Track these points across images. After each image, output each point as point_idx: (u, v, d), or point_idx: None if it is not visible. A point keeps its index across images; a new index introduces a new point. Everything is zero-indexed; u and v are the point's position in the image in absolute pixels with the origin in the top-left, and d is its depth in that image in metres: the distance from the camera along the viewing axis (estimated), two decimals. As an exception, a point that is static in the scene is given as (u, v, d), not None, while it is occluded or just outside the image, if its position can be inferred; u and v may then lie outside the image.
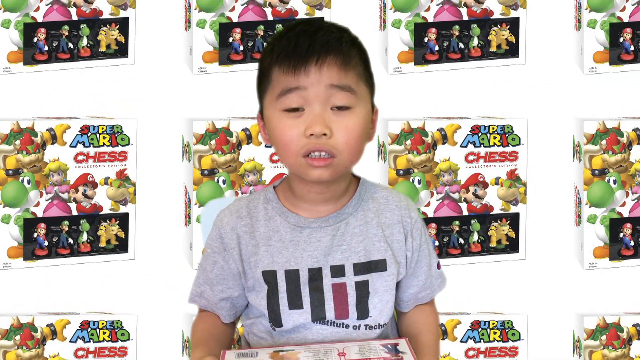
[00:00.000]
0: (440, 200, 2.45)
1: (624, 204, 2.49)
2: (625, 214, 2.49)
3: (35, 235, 2.39)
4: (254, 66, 2.42)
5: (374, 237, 1.41)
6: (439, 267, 1.50)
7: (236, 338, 1.59)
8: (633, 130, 2.47)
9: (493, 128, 2.47)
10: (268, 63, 1.35)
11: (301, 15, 2.43)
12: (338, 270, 1.39)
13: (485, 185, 2.47)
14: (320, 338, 1.38)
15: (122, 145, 2.43)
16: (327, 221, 1.40)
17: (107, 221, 2.44)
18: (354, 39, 1.38)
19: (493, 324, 2.46)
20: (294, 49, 1.32)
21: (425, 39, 2.47)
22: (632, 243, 2.49)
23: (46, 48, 2.41)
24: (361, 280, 1.39)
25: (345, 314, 1.38)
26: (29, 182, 2.38)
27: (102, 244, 2.44)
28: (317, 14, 2.42)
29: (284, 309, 1.38)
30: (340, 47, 1.33)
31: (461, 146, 2.45)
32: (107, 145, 2.43)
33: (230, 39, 2.43)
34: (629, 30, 2.49)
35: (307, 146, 1.32)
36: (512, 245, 2.50)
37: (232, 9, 2.43)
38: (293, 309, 1.38)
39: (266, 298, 1.39)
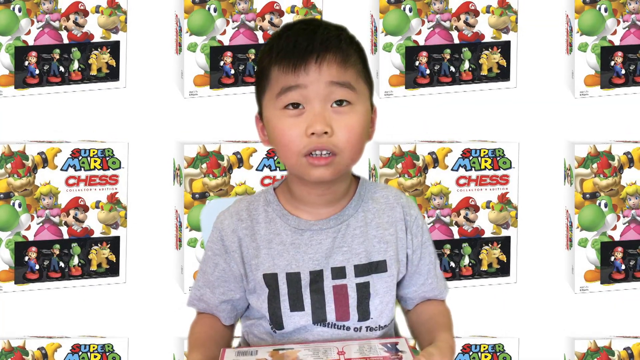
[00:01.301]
0: (432, 224, 2.45)
1: (615, 228, 2.49)
2: (617, 238, 2.49)
3: (26, 258, 2.39)
4: (246, 89, 2.45)
5: (374, 238, 1.41)
6: (440, 269, 1.50)
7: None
8: (624, 153, 2.47)
9: (484, 152, 2.47)
10: (267, 62, 1.35)
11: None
12: (339, 272, 1.38)
13: (476, 208, 2.47)
14: (321, 340, 1.38)
15: (113, 169, 2.43)
16: (327, 223, 1.40)
17: (98, 245, 2.44)
18: (352, 37, 1.38)
19: (484, 347, 2.46)
20: (293, 47, 1.32)
21: (417, 63, 2.47)
22: (623, 267, 2.49)
23: (37, 71, 2.41)
24: (362, 282, 1.38)
25: (346, 315, 1.38)
26: (20, 205, 2.38)
27: (93, 268, 2.44)
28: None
29: (285, 312, 1.37)
30: (339, 44, 1.33)
31: (452, 170, 2.45)
32: (98, 169, 2.43)
33: (222, 63, 2.44)
34: (620, 53, 2.49)
35: (308, 146, 1.31)
36: (503, 269, 2.50)
37: (223, 33, 2.43)
38: (294, 311, 1.37)
39: (267, 301, 1.38)
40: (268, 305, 1.39)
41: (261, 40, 2.44)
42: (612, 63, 2.49)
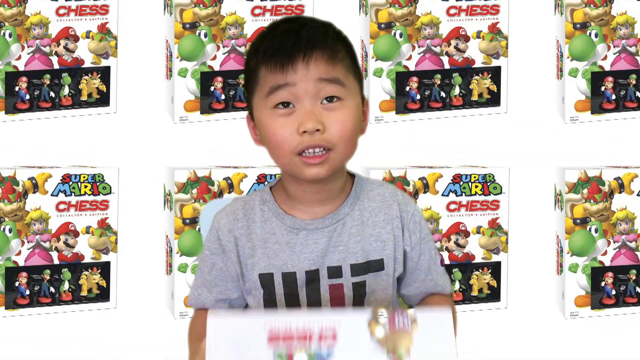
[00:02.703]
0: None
1: (605, 253, 2.49)
2: (607, 263, 2.49)
3: (16, 284, 2.39)
4: (236, 115, 2.45)
5: (370, 236, 1.40)
6: (442, 264, 1.49)
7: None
8: (614, 179, 2.47)
9: (474, 177, 2.47)
10: (254, 63, 1.34)
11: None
12: (335, 272, 1.38)
13: (466, 234, 2.47)
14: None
15: (104, 194, 2.43)
16: (323, 222, 1.39)
17: (89, 270, 2.44)
18: (339, 32, 1.37)
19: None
20: (279, 47, 1.31)
21: (407, 88, 2.47)
22: (613, 292, 2.49)
23: (28, 97, 2.41)
24: (358, 281, 1.38)
25: None
26: (10, 231, 2.38)
27: (84, 293, 2.44)
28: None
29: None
30: (325, 41, 1.33)
31: (443, 195, 2.45)
32: (89, 194, 2.42)
33: (212, 88, 2.44)
34: (610, 79, 2.49)
35: (301, 144, 1.31)
36: (493, 294, 2.50)
37: (214, 58, 2.43)
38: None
39: (263, 301, 1.39)
40: (264, 306, 1.39)
41: (252, 66, 2.44)
42: (603, 88, 2.49)
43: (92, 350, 2.44)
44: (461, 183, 2.46)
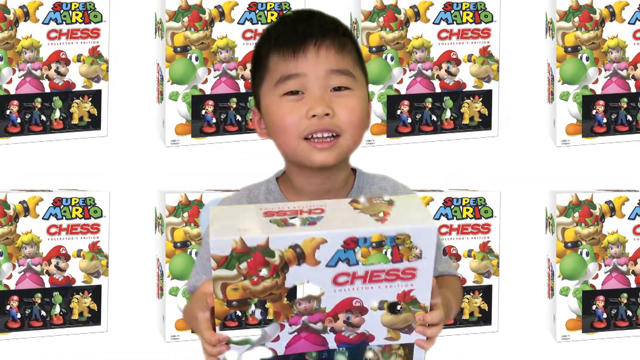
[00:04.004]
0: (413, 273, 2.45)
1: (596, 277, 2.49)
2: (598, 287, 2.49)
3: (7, 307, 2.39)
4: (227, 138, 2.45)
5: None
6: (445, 253, 1.50)
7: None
8: (605, 202, 2.47)
9: (466, 200, 2.47)
10: (265, 50, 1.36)
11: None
12: None
13: (458, 257, 2.47)
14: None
15: (95, 218, 2.43)
16: None
17: (80, 293, 2.44)
18: (347, 28, 1.40)
19: None
20: (291, 32, 1.33)
21: (398, 111, 2.47)
22: (604, 315, 2.49)
23: (19, 120, 2.41)
24: None
25: None
26: (1, 254, 2.38)
27: (75, 317, 2.44)
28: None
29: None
30: (336, 30, 1.35)
31: (434, 219, 2.45)
32: (80, 218, 2.42)
33: (203, 112, 2.44)
34: (601, 102, 2.49)
35: (309, 128, 1.31)
36: (484, 318, 2.50)
37: (205, 82, 2.43)
38: None
39: None
40: None
41: (243, 89, 2.44)
42: (594, 112, 2.49)
43: (83, 373, 2.44)
44: (452, 206, 2.46)
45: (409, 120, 2.48)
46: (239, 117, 2.44)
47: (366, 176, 1.46)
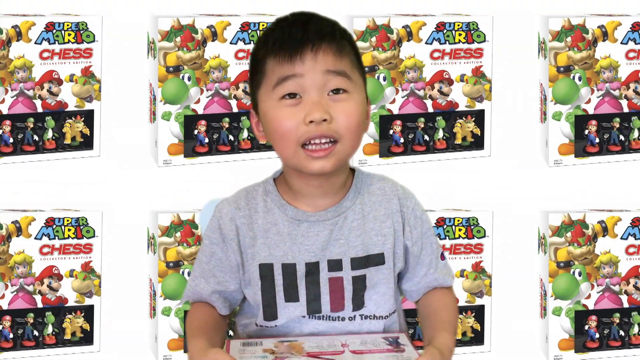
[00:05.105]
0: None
1: (589, 297, 2.49)
2: (591, 307, 2.49)
3: (0, 327, 2.39)
4: (220, 158, 2.45)
5: (371, 231, 1.39)
6: (443, 258, 1.48)
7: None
8: (598, 222, 2.47)
9: (458, 220, 2.47)
10: (262, 54, 1.34)
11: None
12: (335, 265, 1.38)
13: (450, 277, 2.46)
14: (316, 332, 1.38)
15: (87, 238, 2.43)
16: (325, 215, 1.39)
17: (72, 313, 2.44)
18: (344, 30, 1.38)
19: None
20: (288, 37, 1.32)
21: (391, 131, 2.47)
22: (597, 335, 2.49)
23: (11, 140, 2.41)
24: (358, 275, 1.38)
25: (340, 306, 1.38)
26: (-6, 274, 2.38)
27: (67, 337, 2.44)
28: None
29: (280, 302, 1.37)
30: (334, 34, 1.33)
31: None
32: (72, 238, 2.43)
33: (196, 132, 2.44)
34: (594, 122, 2.49)
35: (307, 134, 1.30)
36: (477, 338, 2.50)
37: (197, 102, 2.43)
38: (289, 301, 1.37)
39: (261, 291, 1.38)
40: (262, 296, 1.38)
41: (235, 109, 2.44)
42: (586, 132, 2.49)
43: (75, 393, 2.44)
44: (445, 226, 2.46)
45: (402, 140, 2.48)
46: (231, 137, 2.44)
47: (365, 176, 1.45)
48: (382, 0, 2.48)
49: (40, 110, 2.42)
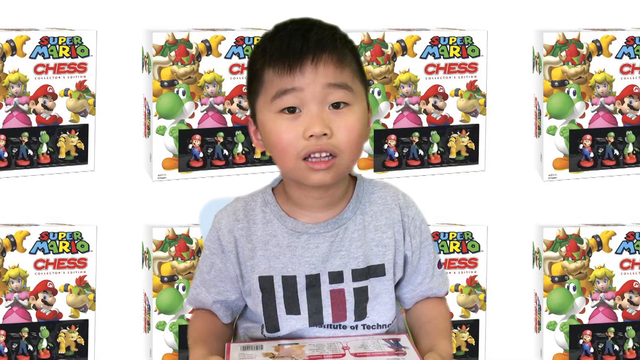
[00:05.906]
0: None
1: (583, 311, 2.49)
2: (585, 321, 2.49)
3: (-6, 342, 2.40)
4: (214, 173, 2.45)
5: (372, 241, 1.38)
6: (439, 266, 1.47)
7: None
8: (592, 237, 2.47)
9: (453, 235, 2.47)
10: (260, 65, 1.31)
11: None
12: (336, 277, 1.36)
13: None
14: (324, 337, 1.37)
15: (82, 252, 2.43)
16: (325, 227, 1.37)
17: (67, 328, 2.44)
18: (345, 36, 1.35)
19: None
20: (287, 48, 1.28)
21: (385, 146, 2.47)
22: (592, 350, 2.49)
23: (6, 155, 2.41)
24: (360, 287, 1.37)
25: (343, 318, 1.37)
26: (-12, 289, 2.38)
27: (62, 351, 2.44)
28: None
29: (281, 314, 1.36)
30: (334, 44, 1.30)
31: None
32: (67, 252, 2.43)
33: (190, 146, 2.44)
34: (588, 137, 2.49)
35: (307, 148, 1.28)
36: (472, 352, 2.50)
37: (192, 116, 2.43)
38: (290, 314, 1.36)
39: (262, 303, 1.37)
40: (263, 308, 1.37)
41: (230, 124, 2.44)
42: (581, 146, 2.49)
43: (70, 408, 2.44)
44: (439, 241, 2.46)
45: (396, 154, 2.48)
46: (226, 152, 2.44)
47: (367, 184, 1.43)
48: (376, 15, 2.48)
49: (34, 124, 2.42)
